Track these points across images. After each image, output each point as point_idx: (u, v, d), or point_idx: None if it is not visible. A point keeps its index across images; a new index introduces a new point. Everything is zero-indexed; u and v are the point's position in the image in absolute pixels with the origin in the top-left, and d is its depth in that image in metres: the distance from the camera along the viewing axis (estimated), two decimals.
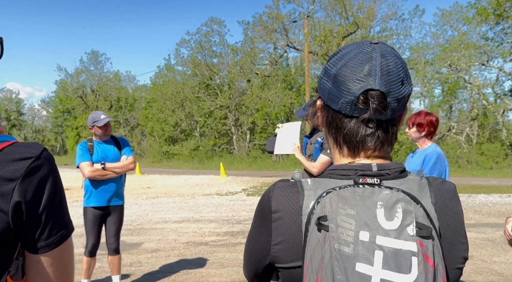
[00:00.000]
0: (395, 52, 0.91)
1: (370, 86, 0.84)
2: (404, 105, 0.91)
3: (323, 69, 0.95)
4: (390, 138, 0.92)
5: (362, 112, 0.87)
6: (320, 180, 0.89)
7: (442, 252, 0.80)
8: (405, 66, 0.90)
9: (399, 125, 0.96)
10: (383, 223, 0.78)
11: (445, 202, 0.88)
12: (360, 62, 0.87)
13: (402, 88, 0.87)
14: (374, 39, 0.94)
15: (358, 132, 0.90)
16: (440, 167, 3.54)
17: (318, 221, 0.81)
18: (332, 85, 0.90)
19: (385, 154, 0.94)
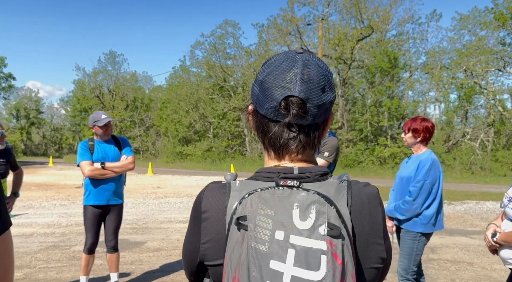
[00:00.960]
0: (319, 62, 0.96)
1: (291, 93, 0.90)
2: (326, 112, 0.96)
3: (256, 76, 1.00)
4: (312, 143, 0.97)
5: (284, 117, 0.92)
6: (247, 182, 0.95)
7: (353, 251, 0.85)
8: (328, 75, 0.95)
9: (325, 131, 1.02)
10: (297, 223, 0.83)
11: (362, 205, 0.93)
12: (284, 70, 0.92)
13: (322, 95, 0.92)
14: (300, 49, 1.00)
15: (282, 136, 0.96)
16: (434, 173, 3.54)
17: (237, 221, 0.86)
18: (259, 91, 0.96)
19: (308, 157, 0.99)
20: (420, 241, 3.55)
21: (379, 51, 25.78)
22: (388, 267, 1.04)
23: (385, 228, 0.98)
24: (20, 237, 6.98)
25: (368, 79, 27.09)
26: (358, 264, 0.91)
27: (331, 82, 0.96)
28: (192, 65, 36.85)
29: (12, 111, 60.22)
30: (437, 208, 3.55)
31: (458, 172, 21.15)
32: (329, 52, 26.98)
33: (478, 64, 23.31)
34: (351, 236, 0.85)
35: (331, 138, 4.08)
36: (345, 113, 27.37)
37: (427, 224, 3.52)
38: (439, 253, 6.30)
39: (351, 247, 0.84)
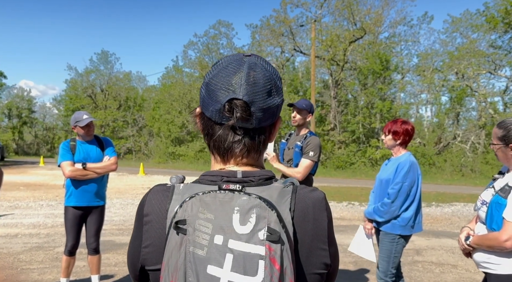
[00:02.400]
0: (266, 65, 0.96)
1: (235, 96, 0.89)
2: (272, 116, 0.96)
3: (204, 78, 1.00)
4: (257, 146, 0.97)
5: (229, 120, 0.91)
6: (191, 185, 0.93)
7: (293, 257, 0.84)
8: (275, 79, 0.95)
9: (272, 135, 1.01)
10: (237, 228, 0.82)
11: (306, 210, 0.91)
12: (229, 73, 0.92)
13: (268, 99, 0.92)
14: (248, 52, 1.00)
15: (226, 140, 0.95)
16: (413, 175, 3.55)
17: (176, 225, 0.85)
18: (205, 93, 0.96)
19: (254, 161, 0.99)
20: (398, 243, 3.56)
21: (371, 53, 25.88)
22: (334, 274, 1.02)
23: (331, 233, 0.96)
24: (4, 238, 6.92)
25: (361, 81, 27.19)
26: (300, 269, 0.89)
27: (279, 86, 0.96)
28: (185, 65, 36.82)
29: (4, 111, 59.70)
30: (415, 210, 3.56)
31: (449, 174, 21.28)
32: (322, 54, 27.03)
33: (470, 67, 23.47)
34: (291, 241, 0.84)
35: (313, 137, 4.09)
36: (338, 115, 27.43)
37: (406, 226, 3.53)
38: (424, 255, 6.33)
39: (291, 252, 0.83)
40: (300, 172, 3.94)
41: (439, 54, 27.17)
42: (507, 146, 2.50)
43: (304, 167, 3.95)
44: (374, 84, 26.04)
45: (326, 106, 29.11)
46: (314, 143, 4.03)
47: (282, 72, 30.72)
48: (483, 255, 2.53)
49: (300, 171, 3.94)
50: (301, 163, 3.97)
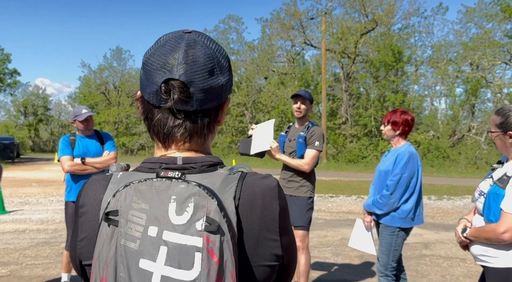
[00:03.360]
0: (208, 42, 0.89)
1: (171, 76, 0.83)
2: (217, 97, 0.88)
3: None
4: (200, 131, 0.89)
5: (167, 103, 0.84)
6: (129, 174, 0.87)
7: (235, 248, 0.77)
8: (218, 57, 0.88)
9: (220, 118, 0.95)
10: (172, 218, 0.76)
11: (254, 198, 0.84)
12: (166, 51, 0.86)
13: (210, 79, 0.85)
14: (188, 29, 0.92)
15: (166, 124, 0.88)
16: (412, 166, 3.46)
17: (106, 216, 0.79)
18: (142, 74, 0.89)
19: (198, 146, 0.92)
20: (398, 236, 3.47)
21: (383, 45, 25.54)
22: (290, 266, 0.96)
23: (284, 223, 0.89)
24: (12, 234, 7.00)
25: (373, 74, 26.87)
26: (246, 261, 0.83)
27: (223, 65, 0.89)
28: None
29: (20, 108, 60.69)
30: (415, 202, 3.47)
31: (463, 166, 20.94)
32: (333, 47, 26.77)
33: (484, 57, 23.00)
34: (234, 232, 0.78)
35: (316, 127, 4.06)
36: (349, 109, 27.19)
37: (405, 218, 3.44)
38: (432, 249, 6.21)
39: (233, 243, 0.76)
40: (308, 163, 3.91)
41: (453, 45, 26.71)
42: (506, 134, 2.40)
43: (311, 158, 3.92)
44: (386, 76, 25.70)
45: (337, 100, 28.87)
46: (319, 132, 4.01)
47: (292, 66, 30.54)
48: (480, 247, 2.44)
49: (308, 162, 3.91)
50: (307, 154, 3.93)
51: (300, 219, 3.96)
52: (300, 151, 3.99)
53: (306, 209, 3.99)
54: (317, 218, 8.60)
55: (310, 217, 4.05)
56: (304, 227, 3.98)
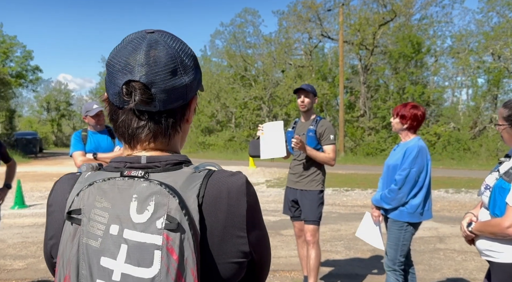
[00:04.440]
0: (171, 42, 0.89)
1: (132, 78, 0.83)
2: (182, 97, 0.88)
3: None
4: (165, 131, 0.90)
5: (129, 104, 0.85)
6: (96, 173, 0.89)
7: (196, 245, 0.78)
8: (182, 57, 0.88)
9: (189, 117, 0.95)
10: (133, 216, 0.78)
11: (219, 195, 0.84)
12: (127, 52, 0.86)
13: (172, 79, 0.85)
14: (151, 29, 0.92)
15: (130, 125, 0.89)
16: (421, 161, 3.40)
17: (69, 215, 0.81)
18: (106, 76, 0.90)
19: (164, 146, 0.92)
20: (407, 231, 3.43)
21: (402, 36, 25.10)
22: (263, 263, 0.97)
23: (253, 220, 0.89)
24: (31, 227, 7.19)
25: (392, 65, 26.46)
26: (210, 258, 0.83)
27: (187, 65, 0.89)
28: (212, 55, 36.94)
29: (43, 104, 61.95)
30: (424, 197, 3.42)
31: (484, 158, 20.51)
32: (351, 39, 26.45)
33: (506, 47, 22.38)
34: (196, 229, 0.79)
35: (325, 121, 4.07)
36: (367, 101, 26.87)
37: (414, 213, 3.40)
38: (447, 243, 6.12)
39: (195, 240, 0.77)
40: (334, 158, 4.01)
41: (474, 35, 26.05)
42: None
43: (333, 153, 4.00)
44: (406, 68, 25.27)
45: (355, 92, 28.55)
46: (330, 126, 4.08)
47: (309, 59, 30.28)
48: (485, 242, 2.40)
49: (334, 157, 4.00)
50: (328, 150, 3.97)
51: (311, 214, 3.95)
52: (311, 145, 3.97)
53: (317, 204, 3.98)
54: (331, 211, 8.57)
55: (321, 211, 4.03)
56: (315, 222, 3.97)
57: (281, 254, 5.64)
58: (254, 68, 34.29)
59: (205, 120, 36.19)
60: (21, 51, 35.70)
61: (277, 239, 6.47)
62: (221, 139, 33.79)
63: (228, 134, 33.89)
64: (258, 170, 18.07)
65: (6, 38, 34.07)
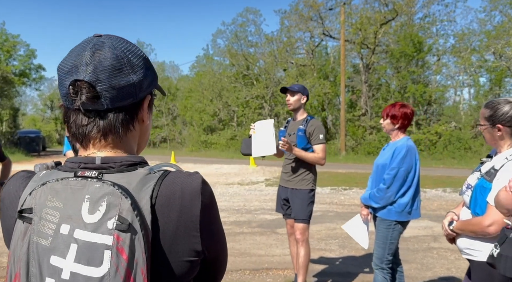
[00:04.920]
0: (117, 43, 0.91)
1: (77, 77, 0.86)
2: (131, 94, 0.91)
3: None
4: (115, 129, 0.91)
5: (76, 103, 0.87)
6: (51, 172, 0.91)
7: (147, 245, 0.80)
8: (128, 56, 0.90)
9: (142, 115, 0.96)
10: (85, 217, 0.79)
11: (173, 196, 0.86)
12: (74, 55, 0.89)
13: (118, 77, 0.87)
14: (98, 33, 0.95)
15: (80, 124, 0.91)
16: (410, 161, 3.43)
17: (20, 213, 0.83)
18: (58, 79, 0.92)
19: (116, 145, 0.94)
20: (395, 229, 3.46)
21: (403, 35, 25.05)
22: (216, 262, 0.99)
23: (208, 220, 0.91)
24: None
25: (393, 64, 26.41)
26: (163, 257, 0.86)
27: (135, 64, 0.91)
28: (214, 54, 36.97)
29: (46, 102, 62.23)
30: (412, 196, 3.45)
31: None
32: (352, 38, 26.41)
33: (508, 46, 22.30)
34: (148, 230, 0.81)
35: (315, 120, 4.10)
36: (369, 100, 26.84)
37: (402, 212, 3.43)
38: (441, 242, 6.14)
39: (146, 241, 0.79)
40: (324, 158, 4.02)
41: (476, 34, 25.96)
42: (494, 126, 2.38)
43: (322, 152, 4.01)
44: (407, 67, 25.22)
45: (357, 91, 28.53)
46: (320, 125, 4.09)
47: (311, 58, 30.25)
48: (466, 241, 2.43)
49: (323, 156, 4.01)
50: (317, 149, 3.98)
51: (301, 212, 3.99)
52: (301, 144, 4.01)
53: (307, 202, 4.01)
54: (328, 210, 8.60)
55: (311, 210, 4.07)
56: (304, 220, 4.00)
57: (276, 253, 5.68)
58: (256, 67, 34.28)
59: (207, 119, 36.23)
60: (24, 50, 35.86)
61: (272, 237, 6.51)
62: (223, 138, 33.81)
63: (230, 133, 33.91)
64: (259, 168, 18.09)
65: (9, 37, 34.21)
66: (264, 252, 5.72)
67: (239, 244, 6.12)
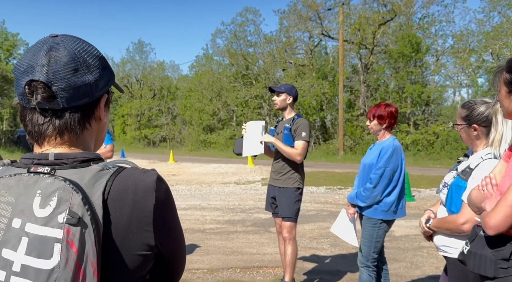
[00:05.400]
0: (73, 44, 0.94)
1: (33, 77, 0.88)
2: (87, 94, 0.94)
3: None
4: (71, 127, 0.94)
5: (32, 103, 0.90)
6: (6, 168, 0.94)
7: (98, 239, 0.83)
8: (84, 57, 0.94)
9: (99, 114, 0.99)
10: (36, 211, 0.82)
11: (125, 192, 0.89)
12: (30, 56, 0.92)
13: (74, 77, 0.91)
14: (54, 34, 0.97)
15: (36, 123, 0.94)
16: (396, 160, 3.49)
17: None
18: (14, 79, 0.96)
19: (72, 143, 0.97)
20: (380, 228, 3.51)
21: (401, 35, 25.09)
22: (172, 257, 1.01)
23: (162, 215, 0.94)
24: None
25: (391, 65, 26.45)
26: (116, 250, 0.88)
27: (91, 64, 0.94)
28: (214, 53, 36.98)
29: None
30: (398, 195, 3.50)
31: None
32: (351, 38, 26.45)
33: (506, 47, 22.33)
34: (99, 224, 0.83)
35: (302, 119, 4.14)
36: (367, 100, 26.87)
37: (388, 211, 3.48)
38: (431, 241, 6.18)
39: (96, 234, 0.82)
40: (300, 154, 4.00)
41: (475, 35, 25.99)
42: (470, 126, 2.43)
43: (301, 148, 4.01)
44: (405, 67, 25.26)
45: (355, 92, 28.57)
46: (304, 123, 4.10)
47: (310, 58, 30.29)
48: (442, 238, 2.48)
49: (300, 152, 4.00)
50: (297, 145, 4.01)
51: (287, 211, 4.04)
52: (286, 142, 4.06)
53: (294, 201, 4.06)
54: (322, 209, 8.65)
55: (298, 208, 4.12)
56: (291, 219, 4.05)
57: (267, 251, 5.74)
58: (256, 67, 34.30)
59: (206, 118, 36.27)
60: (24, 48, 35.90)
61: (265, 236, 6.57)
62: (222, 138, 33.84)
63: (229, 132, 33.94)
64: (257, 168, 18.11)
65: (9, 35, 34.29)
66: (255, 251, 5.78)
67: (231, 243, 6.18)
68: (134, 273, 0.92)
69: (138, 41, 49.42)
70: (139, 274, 0.93)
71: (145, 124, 45.45)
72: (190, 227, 7.12)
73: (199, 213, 8.27)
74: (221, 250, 5.80)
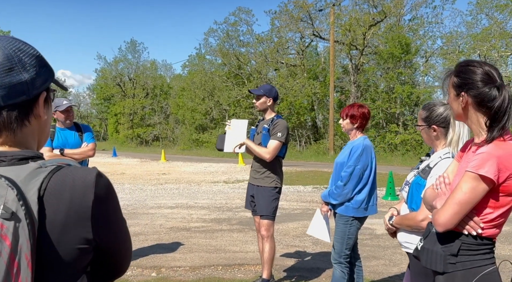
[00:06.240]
0: (8, 44, 0.99)
1: None
2: (24, 92, 0.97)
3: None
4: (8, 125, 0.97)
5: None
6: None
7: (32, 233, 0.87)
8: (20, 56, 0.98)
9: (39, 111, 1.03)
10: None
11: (63, 188, 0.93)
12: None
13: (8, 76, 0.94)
14: None
15: None
16: (366, 159, 3.59)
17: None
18: None
19: (11, 140, 0.99)
20: (352, 225, 3.61)
21: (391, 37, 25.29)
22: (111, 250, 1.06)
23: (101, 211, 0.98)
24: None
25: (382, 66, 26.65)
26: (52, 244, 0.93)
27: (27, 63, 0.98)
28: (206, 53, 37.00)
29: None
30: (368, 193, 3.61)
31: None
32: (341, 39, 26.61)
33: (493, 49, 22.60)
34: (33, 219, 0.87)
35: (280, 120, 4.23)
36: (357, 100, 27.05)
37: (359, 208, 3.58)
38: None
39: (31, 228, 0.86)
40: (269, 153, 4.06)
41: (464, 37, 26.26)
42: (430, 127, 2.53)
43: (272, 148, 4.07)
44: (395, 68, 25.47)
45: (345, 92, 28.75)
46: (282, 124, 4.16)
47: (301, 58, 30.42)
48: (404, 235, 2.58)
49: (269, 151, 4.06)
50: (269, 144, 4.09)
51: (265, 209, 4.13)
52: (265, 143, 4.16)
53: (271, 199, 4.15)
54: (308, 208, 8.75)
55: (276, 207, 4.21)
56: (268, 217, 4.14)
57: (250, 249, 5.82)
58: (248, 67, 34.36)
59: (199, 117, 36.29)
60: None
61: (249, 234, 6.65)
62: (215, 137, 33.86)
63: (221, 132, 33.86)
64: (247, 167, 18.20)
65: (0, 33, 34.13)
66: (239, 249, 5.86)
67: (215, 241, 6.26)
68: (73, 265, 0.97)
69: (130, 40, 49.32)
70: (79, 266, 0.99)
71: (138, 123, 45.41)
72: (175, 225, 7.18)
73: (185, 212, 8.34)
74: (205, 248, 5.87)
